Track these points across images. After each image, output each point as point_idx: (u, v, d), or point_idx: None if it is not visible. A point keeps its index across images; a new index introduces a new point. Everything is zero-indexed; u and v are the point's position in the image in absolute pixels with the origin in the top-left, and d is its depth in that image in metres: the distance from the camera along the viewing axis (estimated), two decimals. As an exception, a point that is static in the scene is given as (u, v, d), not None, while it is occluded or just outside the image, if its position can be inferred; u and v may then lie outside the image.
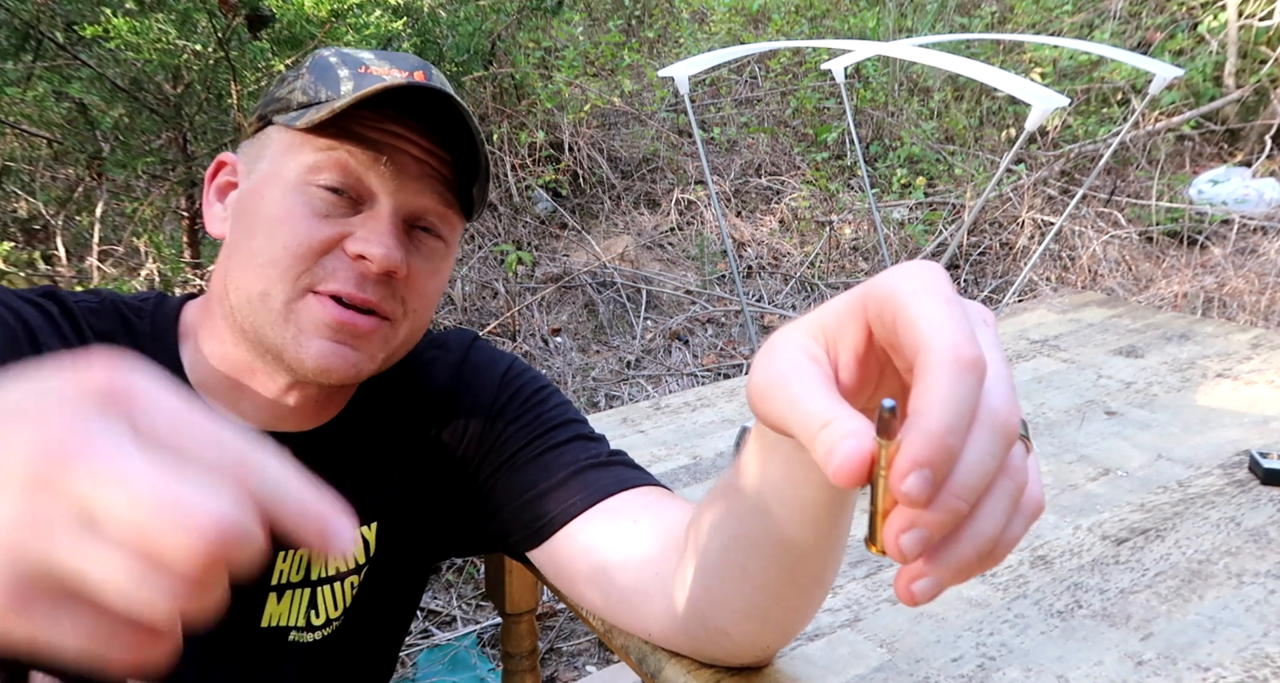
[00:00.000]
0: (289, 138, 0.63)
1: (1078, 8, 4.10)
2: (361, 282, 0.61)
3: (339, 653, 0.71)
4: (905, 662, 0.64)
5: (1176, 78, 0.84)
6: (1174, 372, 1.14)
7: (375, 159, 0.61)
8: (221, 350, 0.64)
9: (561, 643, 1.81)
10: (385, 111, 0.62)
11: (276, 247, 0.60)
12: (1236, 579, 0.72)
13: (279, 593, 0.67)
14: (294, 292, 0.60)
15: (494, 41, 3.36)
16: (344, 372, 0.61)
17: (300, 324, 0.60)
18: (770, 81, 4.33)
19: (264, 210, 0.61)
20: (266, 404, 0.65)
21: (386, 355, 0.65)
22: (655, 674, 0.64)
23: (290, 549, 0.67)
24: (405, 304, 0.64)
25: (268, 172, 0.63)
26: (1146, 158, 3.61)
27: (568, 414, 0.72)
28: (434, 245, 0.66)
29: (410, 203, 0.63)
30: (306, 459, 0.66)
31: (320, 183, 0.61)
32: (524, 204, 3.58)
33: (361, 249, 0.60)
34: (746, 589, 0.53)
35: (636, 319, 3.09)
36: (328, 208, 0.61)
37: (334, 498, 0.63)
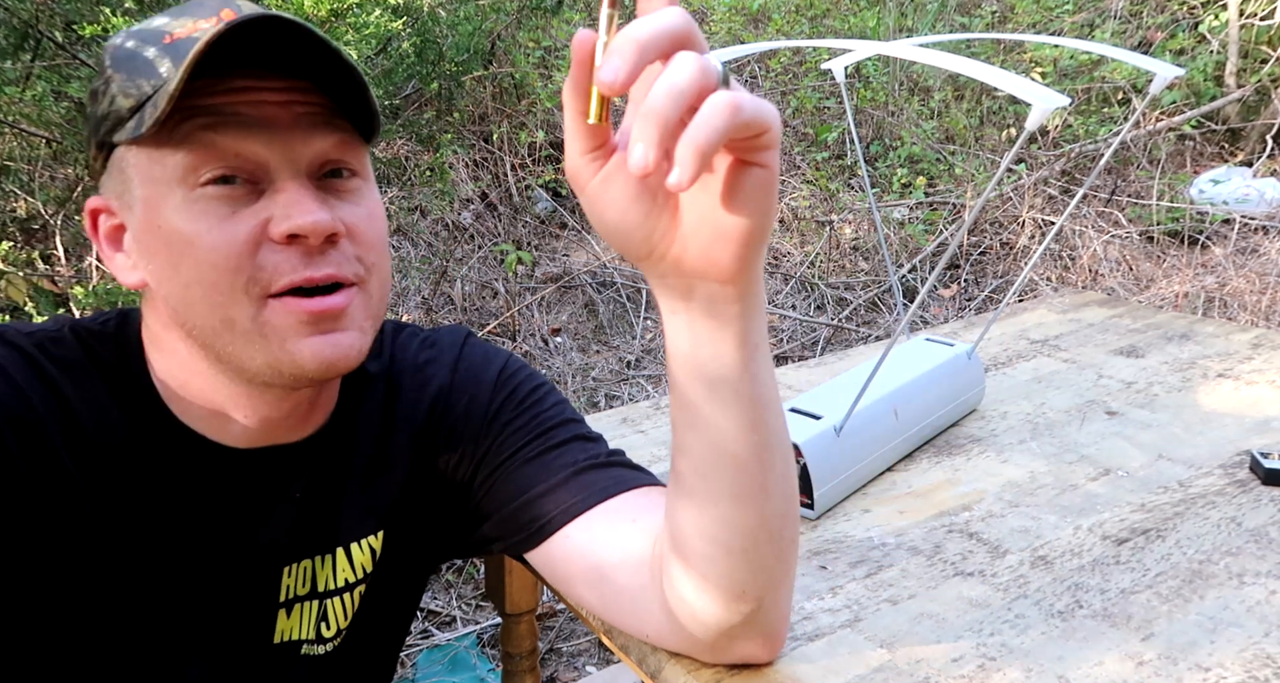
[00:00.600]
0: (144, 151, 0.55)
1: (1078, 7, 4.09)
2: (309, 261, 0.55)
3: (347, 662, 0.71)
4: (905, 662, 0.64)
5: (1177, 77, 0.84)
6: (1175, 372, 1.13)
7: (241, 126, 0.54)
8: (197, 383, 0.60)
9: (561, 643, 1.81)
10: (221, 70, 0.54)
11: (205, 271, 0.54)
12: (1237, 580, 0.72)
13: (288, 609, 0.66)
14: (251, 305, 0.55)
15: (494, 41, 3.36)
16: (348, 358, 0.58)
17: (278, 334, 0.56)
18: (770, 81, 4.33)
19: (170, 240, 0.55)
20: (259, 421, 0.62)
21: (374, 323, 0.60)
22: (655, 674, 0.64)
23: (294, 564, 0.66)
24: (362, 261, 0.59)
25: (147, 197, 0.55)
26: (1147, 157, 3.61)
27: (565, 414, 0.71)
28: (352, 185, 0.59)
29: (304, 154, 0.56)
30: (308, 470, 0.65)
31: (204, 180, 0.54)
32: (524, 204, 3.58)
33: (287, 228, 0.54)
34: (702, 519, 0.54)
35: (636, 319, 3.08)
36: (229, 205, 0.55)
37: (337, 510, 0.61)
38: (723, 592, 0.56)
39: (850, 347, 2.40)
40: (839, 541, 0.79)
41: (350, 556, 0.68)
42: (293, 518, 0.65)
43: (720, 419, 0.51)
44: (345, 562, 0.68)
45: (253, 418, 0.62)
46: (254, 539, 0.64)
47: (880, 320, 3.08)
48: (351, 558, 0.68)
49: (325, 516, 0.67)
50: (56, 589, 0.58)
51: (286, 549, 0.65)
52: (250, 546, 0.64)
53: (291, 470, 0.65)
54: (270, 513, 0.64)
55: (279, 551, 0.65)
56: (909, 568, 0.75)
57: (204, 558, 0.62)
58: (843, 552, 0.77)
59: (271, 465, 0.64)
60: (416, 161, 3.10)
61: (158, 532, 0.61)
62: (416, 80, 2.71)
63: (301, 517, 0.66)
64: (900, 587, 0.72)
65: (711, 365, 0.50)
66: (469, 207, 3.50)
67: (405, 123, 2.61)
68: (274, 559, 0.65)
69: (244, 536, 0.64)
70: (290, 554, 0.66)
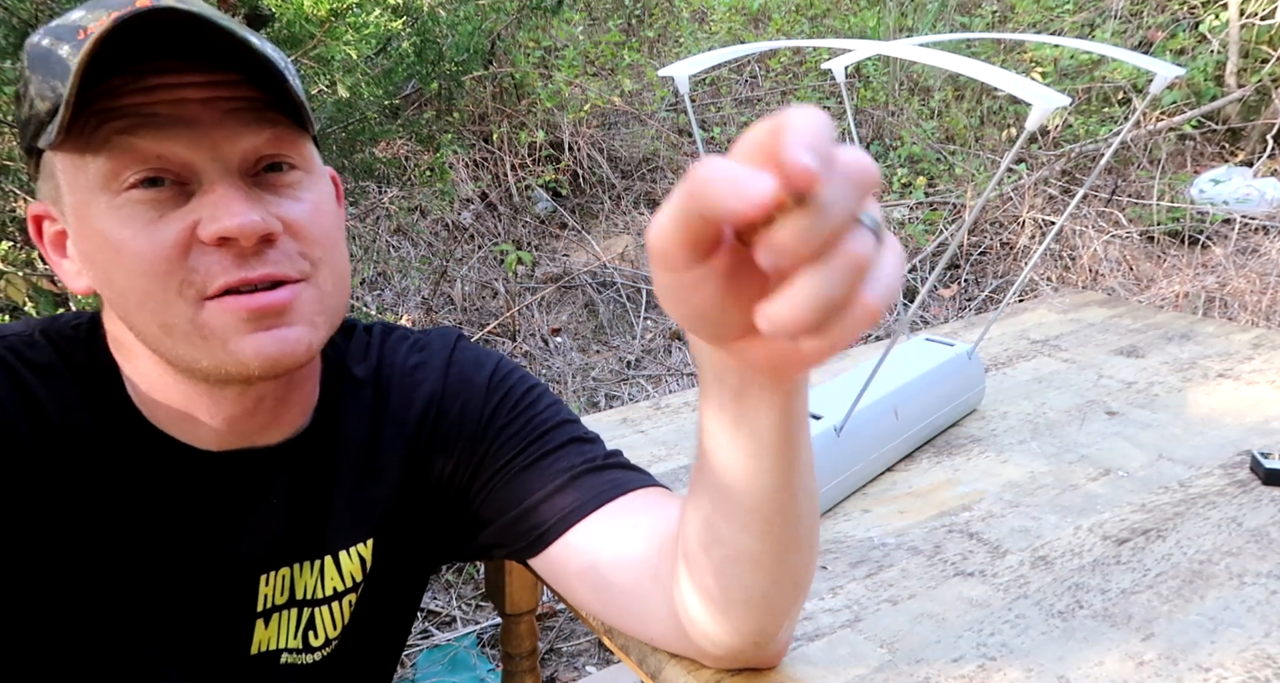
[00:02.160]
0: (67, 157, 0.53)
1: (1079, 7, 4.09)
2: (243, 262, 0.53)
3: (340, 670, 0.70)
4: (905, 662, 0.63)
5: (1178, 77, 0.84)
6: (1175, 372, 1.13)
7: (160, 126, 0.51)
8: (160, 385, 0.59)
9: (561, 643, 1.81)
10: (134, 67, 0.51)
11: (135, 277, 0.52)
12: (1238, 580, 0.72)
13: (265, 618, 0.64)
14: (188, 308, 0.53)
15: (494, 41, 3.36)
16: (294, 354, 0.55)
17: (218, 334, 0.53)
18: (770, 81, 4.33)
19: (101, 247, 0.53)
20: (225, 421, 0.60)
21: (325, 316, 0.58)
22: (655, 674, 0.64)
23: (272, 572, 0.64)
24: (307, 256, 0.56)
25: (75, 204, 0.54)
26: (1148, 157, 3.61)
27: (560, 415, 0.70)
28: (292, 179, 0.56)
29: (232, 152, 0.53)
30: (286, 474, 0.64)
31: (128, 184, 0.52)
32: (524, 204, 3.58)
33: (215, 231, 0.51)
34: (725, 562, 0.52)
35: (636, 319, 3.08)
36: (156, 208, 0.52)
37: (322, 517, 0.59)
38: (738, 630, 0.56)
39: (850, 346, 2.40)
40: (839, 541, 0.79)
41: (339, 564, 0.66)
42: (270, 525, 0.63)
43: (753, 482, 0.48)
44: (334, 570, 0.66)
45: (217, 418, 0.60)
46: (229, 546, 0.62)
47: (880, 320, 3.08)
48: (340, 567, 0.66)
49: (308, 523, 0.65)
50: (26, 595, 0.57)
51: (264, 558, 0.64)
52: (225, 553, 0.62)
53: (266, 474, 0.64)
54: (245, 519, 0.63)
55: (255, 559, 0.63)
56: (909, 568, 0.75)
57: (177, 565, 0.61)
58: (843, 552, 0.77)
59: (244, 469, 0.63)
60: (416, 161, 3.10)
61: (129, 537, 0.59)
62: (416, 80, 2.71)
63: (280, 524, 0.64)
64: (900, 587, 0.72)
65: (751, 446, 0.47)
66: (469, 207, 3.50)
67: (405, 123, 2.61)
68: (250, 568, 0.63)
69: (218, 542, 0.62)
70: (268, 563, 0.64)
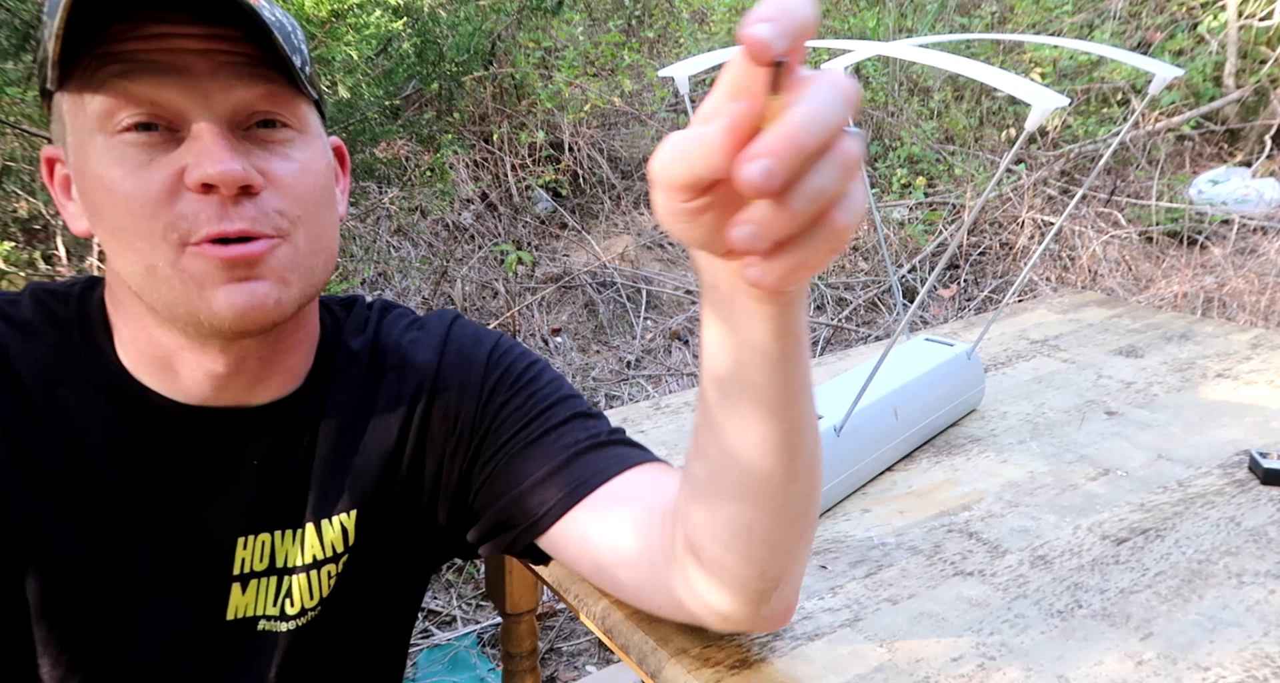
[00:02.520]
0: (70, 98, 0.55)
1: (1078, 8, 4.10)
2: (224, 212, 0.55)
3: (321, 645, 0.68)
4: (905, 662, 0.64)
5: (1176, 78, 0.84)
6: (1174, 372, 1.14)
7: (155, 73, 0.53)
8: (145, 335, 0.60)
9: (561, 643, 1.81)
10: (141, 15, 0.53)
11: (124, 218, 0.55)
12: (1236, 579, 0.72)
13: (243, 583, 0.64)
14: (170, 252, 0.55)
15: (494, 41, 3.36)
16: (263, 308, 0.56)
17: (196, 280, 0.55)
18: (770, 81, 4.32)
19: (94, 187, 0.55)
20: (206, 378, 0.61)
21: (300, 275, 0.59)
22: (655, 674, 0.64)
23: (250, 536, 0.64)
24: (285, 214, 0.57)
25: (75, 144, 0.56)
26: (1146, 158, 3.62)
27: (562, 390, 0.69)
28: (283, 136, 0.58)
29: (222, 103, 0.55)
30: (269, 437, 0.64)
31: (121, 126, 0.54)
32: (524, 204, 3.58)
33: (199, 177, 0.53)
34: (714, 524, 0.53)
35: (636, 319, 3.09)
36: (147, 152, 0.54)
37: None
38: (736, 592, 0.56)
39: (850, 347, 2.40)
40: (839, 540, 0.79)
41: (320, 532, 0.66)
42: (251, 488, 0.64)
43: (746, 420, 0.48)
44: (314, 538, 0.65)
45: (199, 373, 0.61)
46: (206, 505, 0.62)
47: (880, 320, 3.08)
48: (321, 535, 0.66)
49: (289, 489, 0.65)
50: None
51: (243, 521, 0.64)
52: (202, 511, 0.62)
53: (247, 434, 0.64)
54: (224, 478, 0.63)
55: (233, 520, 0.63)
56: (909, 568, 0.75)
57: (152, 520, 0.61)
58: (843, 552, 0.78)
59: (225, 426, 0.63)
60: (417, 162, 3.10)
61: (99, 489, 0.60)
62: (417, 80, 2.71)
63: (261, 488, 0.64)
64: (900, 587, 0.72)
65: (744, 356, 0.46)
66: (469, 207, 3.50)
67: (406, 123, 2.61)
68: (227, 528, 0.63)
69: (196, 499, 0.62)
70: (247, 526, 0.64)
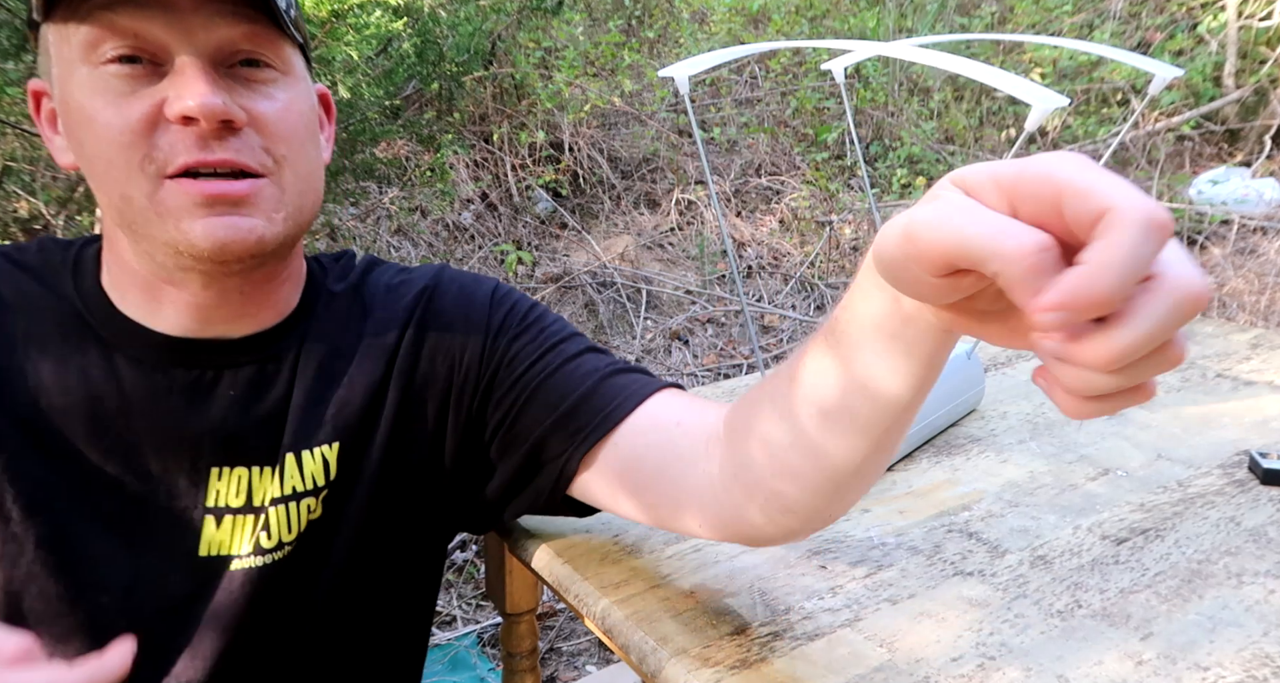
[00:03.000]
0: (56, 29, 0.56)
1: (1077, 8, 4.10)
2: (204, 144, 0.55)
3: (300, 586, 0.66)
4: (905, 662, 0.64)
5: (1176, 78, 0.84)
6: (1174, 372, 1.14)
7: (139, 6, 0.54)
8: (131, 270, 0.61)
9: (561, 643, 1.81)
10: None
11: (104, 146, 0.55)
12: (1236, 579, 0.72)
13: (217, 517, 0.63)
14: (147, 183, 0.56)
15: (494, 41, 3.36)
16: (244, 242, 0.57)
17: (172, 213, 0.56)
18: (770, 81, 4.33)
19: (77, 116, 0.56)
20: (188, 307, 0.62)
21: (286, 214, 0.60)
22: (655, 674, 0.64)
23: (226, 468, 0.63)
24: (270, 152, 0.58)
25: (60, 76, 0.57)
26: (1146, 158, 3.62)
27: (568, 329, 0.69)
28: (267, 76, 0.59)
29: (205, 39, 0.56)
30: (246, 367, 0.64)
31: (105, 58, 0.55)
32: (524, 204, 3.59)
33: (179, 109, 0.54)
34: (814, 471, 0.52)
35: (637, 319, 3.09)
36: (129, 84, 0.55)
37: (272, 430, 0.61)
38: (804, 521, 0.57)
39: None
40: (839, 540, 0.79)
41: (301, 463, 0.65)
42: (227, 417, 0.63)
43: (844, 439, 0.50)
44: (294, 469, 0.64)
45: (179, 303, 0.62)
46: (181, 434, 0.62)
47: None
48: (301, 465, 0.65)
49: (267, 424, 0.64)
50: None
51: (218, 451, 0.63)
52: (176, 441, 0.62)
53: (223, 364, 0.64)
54: (200, 405, 0.63)
55: (208, 450, 0.63)
56: (909, 568, 0.75)
57: (125, 451, 0.61)
58: (843, 552, 0.78)
59: (203, 355, 0.63)
60: (417, 162, 3.10)
61: (71, 420, 0.60)
62: (417, 80, 2.71)
63: (238, 420, 0.63)
64: (900, 587, 0.72)
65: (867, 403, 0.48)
66: (469, 207, 3.50)
67: (406, 123, 2.61)
68: (202, 456, 0.63)
69: (170, 429, 0.62)
70: (223, 458, 0.63)
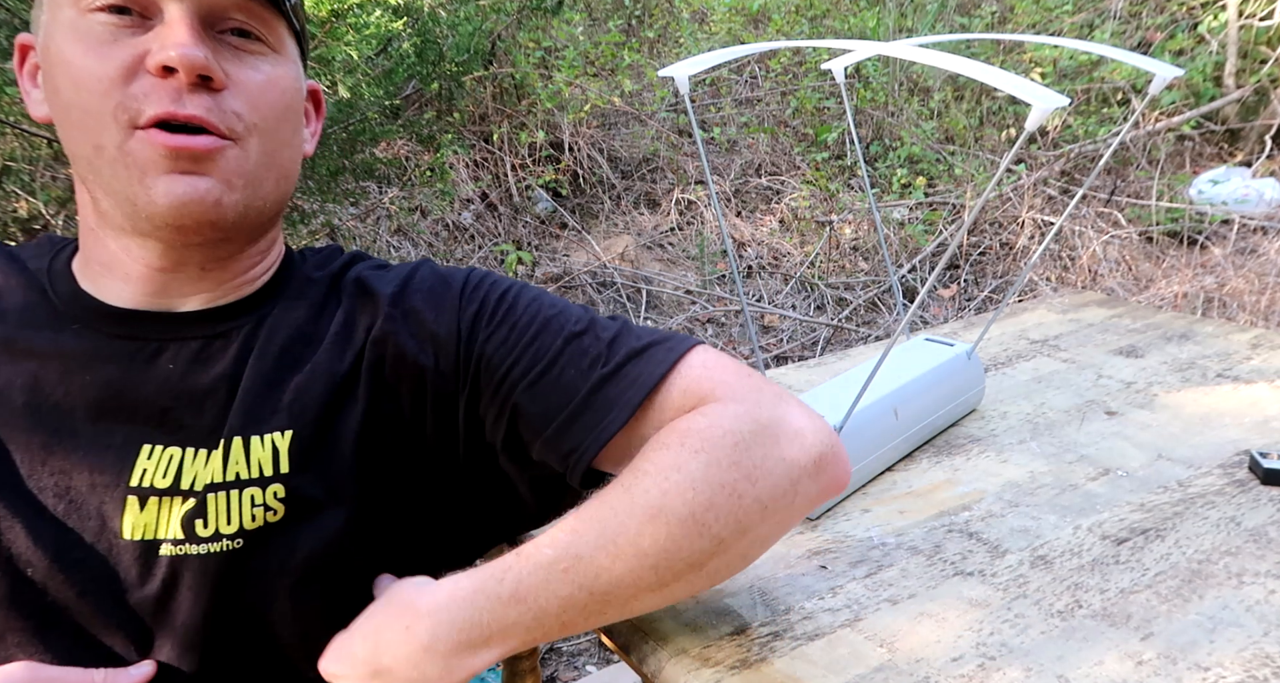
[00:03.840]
0: None
1: (1078, 8, 4.10)
2: (178, 97, 0.55)
3: (240, 582, 0.59)
4: (905, 662, 0.64)
5: (1176, 78, 0.84)
6: (1174, 372, 1.14)
7: None
8: (93, 236, 0.62)
9: (561, 643, 1.81)
10: None
11: (80, 92, 0.55)
12: (1237, 579, 0.72)
13: (141, 498, 0.58)
14: (119, 133, 0.55)
15: (494, 41, 3.36)
16: (200, 203, 0.57)
17: (139, 165, 0.56)
18: (770, 81, 4.33)
19: (56, 62, 0.56)
20: (143, 277, 0.61)
21: (246, 182, 0.59)
22: (655, 674, 0.64)
23: (157, 446, 0.59)
24: (242, 119, 0.58)
25: (48, 23, 0.57)
26: (1146, 158, 3.61)
27: (542, 313, 0.66)
28: (254, 48, 0.59)
29: (199, 1, 0.56)
30: (190, 341, 0.62)
31: (94, 5, 0.55)
32: (524, 204, 3.58)
33: (160, 59, 0.54)
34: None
35: (637, 319, 3.09)
36: (114, 33, 0.55)
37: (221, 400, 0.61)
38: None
39: (850, 347, 2.40)
40: (839, 540, 0.79)
41: (248, 449, 0.60)
42: (163, 394, 0.60)
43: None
44: (240, 454, 0.60)
45: (135, 273, 0.61)
46: (118, 402, 0.60)
47: (880, 320, 3.08)
48: (248, 452, 0.60)
49: (207, 403, 0.61)
50: None
51: (150, 425, 0.60)
52: (113, 409, 0.60)
53: (170, 336, 0.62)
54: (138, 377, 0.60)
55: (141, 422, 0.60)
56: (909, 568, 0.75)
57: (53, 423, 0.59)
58: (843, 552, 0.78)
59: (149, 326, 0.62)
60: (417, 162, 3.10)
61: (21, 387, 0.59)
62: (417, 80, 2.71)
63: (174, 396, 0.61)
64: (900, 587, 0.72)
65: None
66: (469, 207, 3.50)
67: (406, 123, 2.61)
68: (134, 431, 0.60)
69: (107, 396, 0.60)
70: (154, 434, 0.60)
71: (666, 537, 0.55)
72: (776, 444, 0.59)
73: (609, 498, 0.57)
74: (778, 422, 0.60)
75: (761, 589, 0.72)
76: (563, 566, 0.55)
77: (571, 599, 0.55)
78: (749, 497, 0.57)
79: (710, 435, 0.58)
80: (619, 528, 0.55)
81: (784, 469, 0.58)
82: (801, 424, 0.60)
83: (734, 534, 0.57)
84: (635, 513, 0.55)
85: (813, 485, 0.60)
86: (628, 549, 0.55)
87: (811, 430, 0.60)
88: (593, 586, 0.55)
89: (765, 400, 0.61)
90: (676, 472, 0.56)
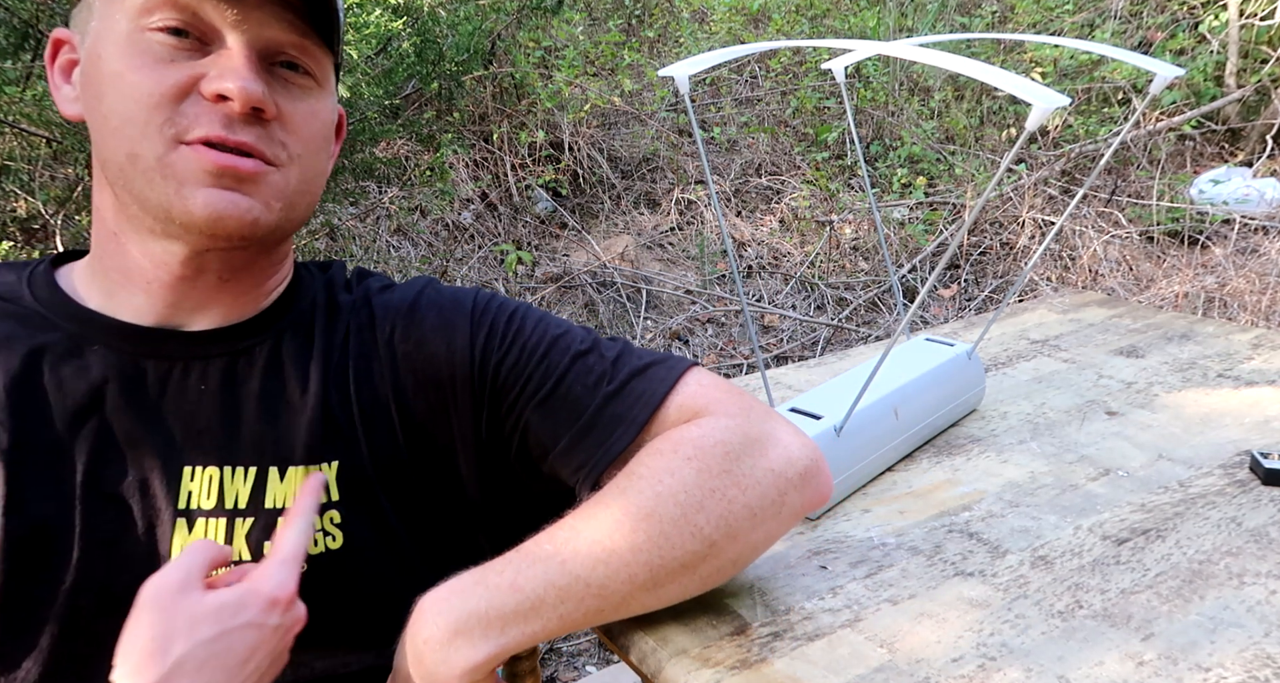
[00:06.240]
0: None
1: (1078, 7, 4.09)
2: (229, 124, 0.57)
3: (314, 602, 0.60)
4: (905, 662, 0.64)
5: (1177, 77, 0.84)
6: (1175, 372, 1.13)
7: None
8: (111, 247, 0.61)
9: (561, 643, 1.81)
10: None
11: (127, 103, 0.56)
12: (1237, 580, 0.72)
13: (189, 520, 0.60)
14: (161, 145, 0.56)
15: (494, 41, 3.36)
16: (239, 219, 0.57)
17: (179, 177, 0.56)
18: (770, 81, 4.33)
19: (105, 70, 0.56)
20: (160, 287, 0.61)
21: (284, 206, 0.60)
22: (655, 674, 0.64)
23: (198, 467, 0.60)
24: (287, 149, 0.60)
25: (99, 30, 0.57)
26: (1147, 158, 3.61)
27: (549, 333, 0.68)
28: (303, 83, 0.61)
29: (259, 35, 0.58)
30: (216, 360, 0.62)
31: (155, 25, 0.56)
32: (524, 204, 3.58)
33: (218, 87, 0.55)
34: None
35: (637, 319, 3.08)
36: (171, 53, 0.56)
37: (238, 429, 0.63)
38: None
39: (850, 347, 2.40)
40: (839, 540, 0.79)
41: (284, 477, 0.62)
42: (199, 411, 0.61)
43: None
44: (294, 483, 0.62)
45: (154, 284, 0.61)
46: (151, 430, 0.60)
47: (880, 320, 3.08)
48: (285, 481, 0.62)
49: (246, 421, 0.62)
50: None
51: (188, 447, 0.61)
52: (148, 437, 0.60)
53: (194, 352, 0.62)
54: (168, 400, 0.61)
55: (176, 443, 0.60)
56: (909, 568, 0.75)
57: (96, 448, 0.59)
58: (843, 552, 0.78)
59: (171, 344, 0.62)
60: (417, 161, 3.10)
61: (45, 420, 0.59)
62: (416, 80, 2.71)
63: (211, 413, 0.61)
64: (900, 587, 0.72)
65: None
66: (469, 206, 3.50)
67: (405, 123, 2.61)
68: (170, 451, 0.60)
69: (142, 425, 0.60)
70: (193, 455, 0.61)
71: (660, 535, 0.57)
72: (765, 456, 0.62)
73: (605, 499, 0.59)
74: (766, 436, 0.63)
75: (761, 589, 0.72)
76: (560, 559, 0.56)
77: (568, 591, 0.56)
78: (739, 503, 0.60)
79: (702, 444, 0.61)
80: (615, 526, 0.57)
81: (771, 479, 0.62)
82: (789, 440, 0.64)
83: (724, 537, 0.59)
84: (630, 513, 0.57)
85: (798, 497, 0.63)
86: (623, 546, 0.57)
87: (798, 446, 0.64)
88: (589, 578, 0.56)
89: (755, 417, 0.64)
90: (670, 476, 0.59)
